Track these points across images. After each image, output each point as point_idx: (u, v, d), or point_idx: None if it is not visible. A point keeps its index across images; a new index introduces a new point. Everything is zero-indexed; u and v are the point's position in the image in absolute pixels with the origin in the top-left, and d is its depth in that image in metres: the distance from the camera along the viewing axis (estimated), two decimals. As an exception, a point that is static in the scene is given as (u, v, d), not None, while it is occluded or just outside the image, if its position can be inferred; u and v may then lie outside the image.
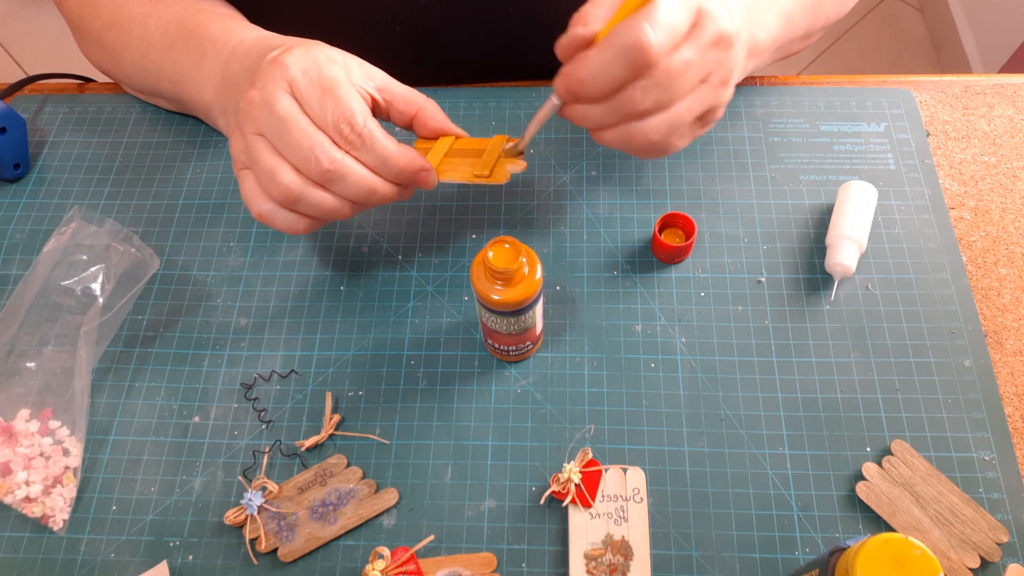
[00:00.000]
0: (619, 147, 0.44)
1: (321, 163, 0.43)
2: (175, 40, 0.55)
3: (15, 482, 0.48)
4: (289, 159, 0.44)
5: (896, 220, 0.57)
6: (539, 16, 0.64)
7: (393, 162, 0.45)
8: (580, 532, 0.46)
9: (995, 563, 0.45)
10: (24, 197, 0.61)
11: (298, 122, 0.43)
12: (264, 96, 0.43)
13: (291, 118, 0.43)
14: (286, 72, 0.43)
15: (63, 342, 0.52)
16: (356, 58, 0.47)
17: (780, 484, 0.48)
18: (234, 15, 0.57)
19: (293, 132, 0.43)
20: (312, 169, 0.43)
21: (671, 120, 0.42)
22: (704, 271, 0.55)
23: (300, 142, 0.43)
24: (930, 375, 0.51)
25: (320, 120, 0.43)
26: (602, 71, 0.40)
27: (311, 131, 0.43)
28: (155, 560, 0.47)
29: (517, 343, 0.50)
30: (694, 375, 0.51)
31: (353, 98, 0.44)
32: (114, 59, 0.60)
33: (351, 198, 0.45)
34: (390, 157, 0.45)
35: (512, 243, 0.44)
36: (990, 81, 0.64)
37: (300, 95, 0.43)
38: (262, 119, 0.43)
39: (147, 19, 0.57)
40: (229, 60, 0.50)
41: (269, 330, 0.54)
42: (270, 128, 0.43)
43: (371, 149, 0.44)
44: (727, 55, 0.42)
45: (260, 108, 0.43)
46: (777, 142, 0.61)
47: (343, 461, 0.49)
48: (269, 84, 0.43)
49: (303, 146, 0.43)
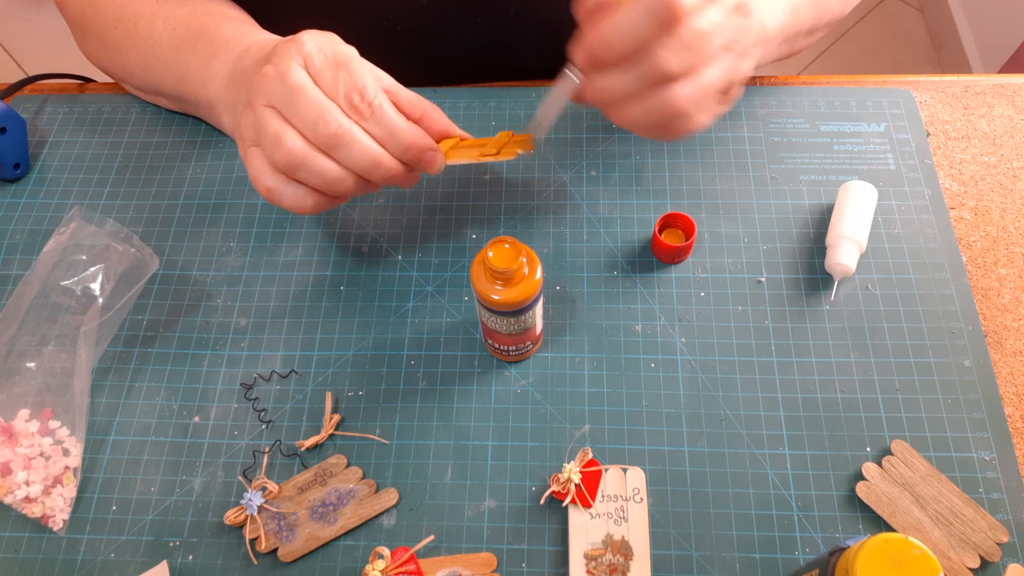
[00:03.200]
0: (642, 123, 0.43)
1: (329, 126, 0.43)
2: (183, 39, 0.55)
3: (15, 482, 0.48)
4: (296, 125, 0.44)
5: (896, 220, 0.57)
6: (540, 16, 0.64)
7: (401, 136, 0.45)
8: (580, 532, 0.46)
9: (995, 563, 0.45)
10: (24, 197, 0.61)
11: (308, 91, 0.43)
12: (278, 69, 0.44)
13: (302, 87, 0.43)
14: (301, 48, 0.44)
15: (63, 342, 0.52)
16: (364, 59, 0.47)
17: (780, 484, 0.48)
18: (244, 18, 0.57)
19: (302, 99, 0.43)
20: (319, 133, 0.43)
21: (699, 87, 0.42)
22: (704, 271, 0.55)
23: (309, 109, 0.43)
24: (930, 375, 0.51)
25: (331, 91, 0.44)
26: (629, 28, 0.39)
27: (320, 98, 0.43)
28: (155, 560, 0.47)
29: (517, 343, 0.50)
30: (694, 375, 0.51)
31: (366, 71, 0.44)
32: (117, 57, 0.60)
33: (356, 168, 0.45)
34: (398, 131, 0.45)
35: (512, 243, 0.44)
36: (990, 81, 0.64)
37: (313, 68, 0.44)
38: (274, 90, 0.44)
39: (154, 18, 0.57)
40: (241, 57, 0.51)
41: (269, 330, 0.54)
42: (281, 97, 0.44)
43: (380, 120, 0.45)
44: (747, 23, 0.43)
45: (273, 80, 0.44)
46: (777, 142, 0.61)
47: (343, 461, 0.49)
48: (283, 58, 0.44)
49: (311, 112, 0.43)
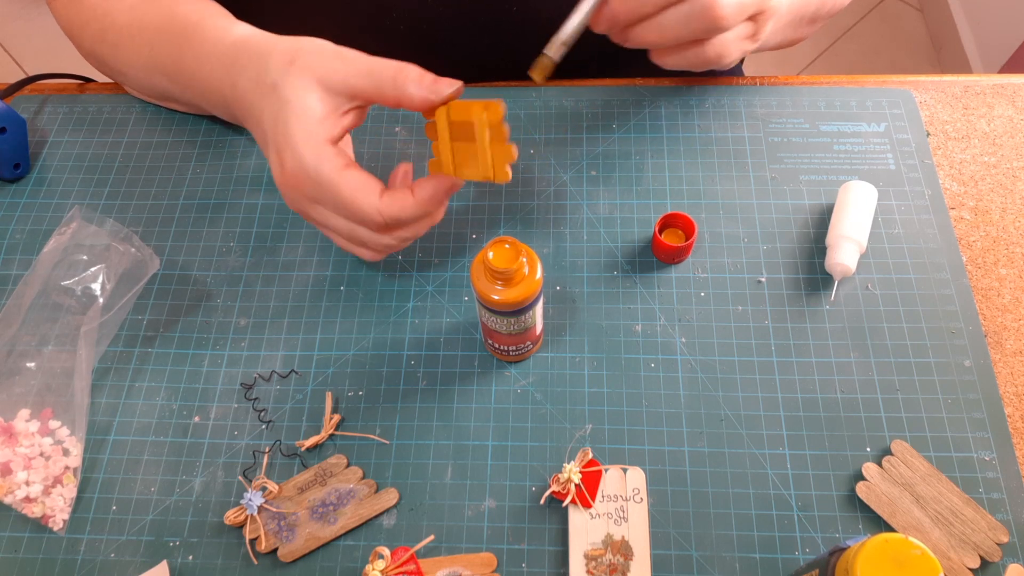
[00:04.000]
0: (678, 35, 0.44)
1: (381, 248, 0.49)
2: (165, 41, 0.55)
3: (15, 482, 0.48)
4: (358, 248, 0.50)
5: (896, 220, 0.57)
6: (542, 15, 0.64)
7: (424, 214, 0.47)
8: (580, 532, 0.46)
9: (995, 563, 0.45)
10: (24, 197, 0.61)
11: (336, 228, 0.48)
12: (300, 208, 0.48)
13: (329, 225, 0.48)
14: (297, 185, 0.46)
15: (63, 342, 0.52)
16: (333, 61, 0.46)
17: (780, 484, 0.48)
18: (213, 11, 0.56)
19: (342, 234, 0.49)
20: (383, 252, 0.50)
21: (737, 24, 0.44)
22: (704, 271, 0.55)
23: (356, 241, 0.49)
24: (930, 375, 0.51)
25: (351, 220, 0.47)
26: None
27: (354, 233, 0.48)
28: (155, 560, 0.47)
29: (517, 343, 0.50)
30: (694, 375, 0.51)
31: (357, 198, 0.45)
32: (111, 67, 0.61)
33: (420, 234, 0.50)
34: (418, 214, 0.47)
35: (512, 243, 0.44)
36: (990, 81, 0.64)
37: (323, 203, 0.47)
38: (312, 220, 0.49)
39: (131, 26, 0.57)
40: (233, 76, 0.50)
41: (269, 330, 0.54)
42: (326, 229, 0.49)
43: (399, 224, 0.47)
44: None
45: (302, 212, 0.48)
46: (777, 142, 0.61)
47: (343, 461, 0.49)
48: (295, 200, 0.47)
49: (361, 244, 0.49)
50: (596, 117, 0.63)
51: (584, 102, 0.63)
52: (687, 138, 0.61)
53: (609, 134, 0.62)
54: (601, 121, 0.62)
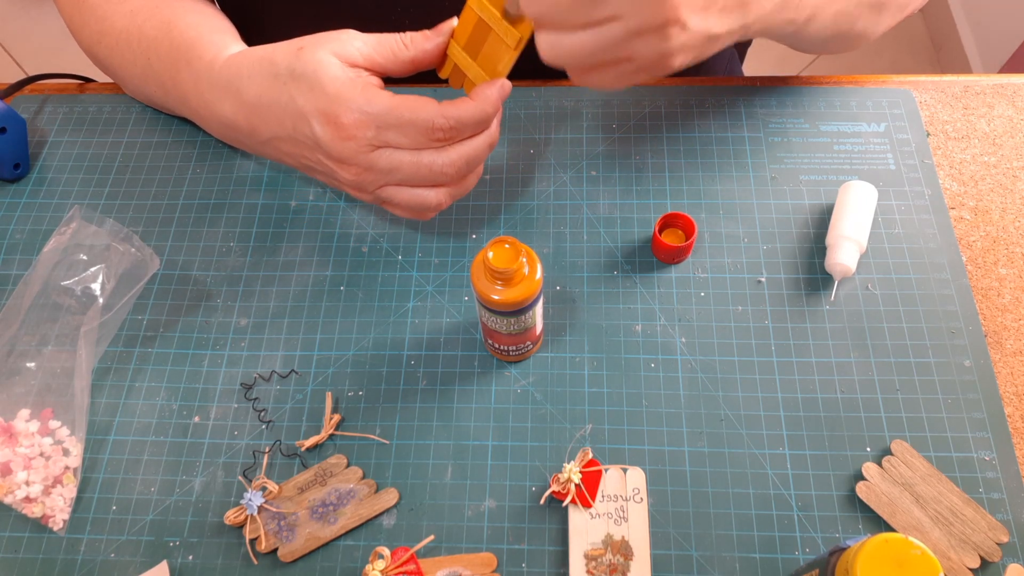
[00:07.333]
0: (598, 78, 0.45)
1: (448, 175, 0.47)
2: (163, 55, 0.55)
3: (15, 482, 0.48)
4: (424, 186, 0.49)
5: (896, 220, 0.57)
6: None
7: (485, 115, 0.47)
8: (580, 532, 0.46)
9: (995, 563, 0.45)
10: (24, 197, 0.61)
11: (403, 167, 0.47)
12: (361, 173, 0.48)
13: (396, 167, 0.47)
14: (357, 134, 0.46)
15: (63, 342, 0.52)
16: (341, 39, 0.47)
17: (780, 484, 0.48)
18: (215, 27, 0.56)
19: (408, 174, 0.47)
20: (448, 181, 0.48)
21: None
22: (704, 271, 0.55)
23: (416, 171, 0.47)
24: (930, 375, 0.51)
25: (416, 144, 0.46)
26: None
27: (420, 163, 0.47)
28: (155, 560, 0.47)
29: (517, 343, 0.50)
30: (694, 375, 0.51)
31: (417, 109, 0.45)
32: (108, 69, 0.61)
33: (483, 161, 0.49)
34: (479, 115, 0.47)
35: (512, 243, 0.44)
36: (990, 81, 0.64)
37: (386, 141, 0.46)
38: (376, 180, 0.48)
39: (131, 31, 0.56)
40: (236, 89, 0.50)
41: (269, 330, 0.54)
42: (390, 180, 0.48)
43: (462, 126, 0.46)
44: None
45: (364, 175, 0.48)
46: (777, 142, 0.61)
47: (343, 461, 0.49)
48: (355, 155, 0.47)
49: (427, 178, 0.47)
50: (596, 117, 0.63)
51: (584, 102, 0.63)
52: (687, 138, 0.61)
53: (609, 134, 0.62)
54: (601, 121, 0.62)
